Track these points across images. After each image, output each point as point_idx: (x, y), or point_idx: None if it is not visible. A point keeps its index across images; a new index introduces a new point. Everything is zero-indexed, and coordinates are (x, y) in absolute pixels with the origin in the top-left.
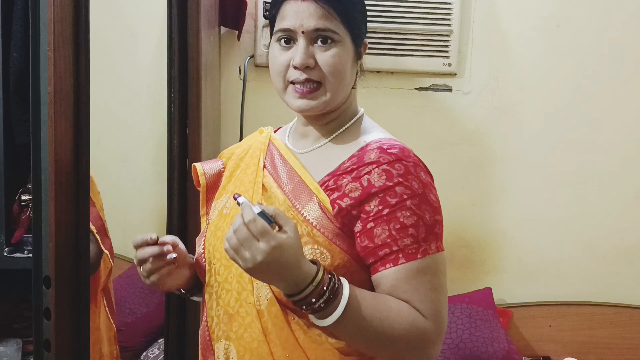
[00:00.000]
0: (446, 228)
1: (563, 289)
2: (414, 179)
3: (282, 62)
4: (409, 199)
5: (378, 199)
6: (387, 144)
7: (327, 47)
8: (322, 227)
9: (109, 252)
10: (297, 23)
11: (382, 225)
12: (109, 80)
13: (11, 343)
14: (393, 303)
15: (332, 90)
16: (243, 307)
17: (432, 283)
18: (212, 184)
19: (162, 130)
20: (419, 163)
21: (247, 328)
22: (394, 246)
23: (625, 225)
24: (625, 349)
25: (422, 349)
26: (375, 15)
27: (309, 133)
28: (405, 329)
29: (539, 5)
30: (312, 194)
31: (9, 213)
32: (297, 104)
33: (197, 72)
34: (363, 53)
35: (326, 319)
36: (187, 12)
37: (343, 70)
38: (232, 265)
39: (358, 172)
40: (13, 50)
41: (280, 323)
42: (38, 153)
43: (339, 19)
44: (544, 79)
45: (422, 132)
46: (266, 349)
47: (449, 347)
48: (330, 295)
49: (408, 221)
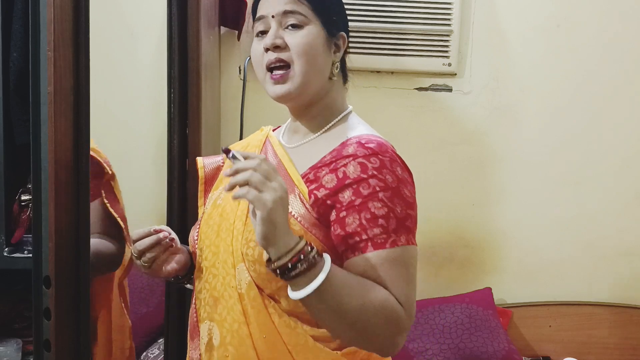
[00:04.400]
0: (446, 228)
1: (563, 289)
2: (389, 173)
3: (259, 50)
4: (382, 192)
5: (352, 189)
6: (366, 139)
7: (295, 30)
8: (300, 217)
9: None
10: (268, 10)
11: (353, 214)
12: (109, 80)
13: (11, 343)
14: (370, 284)
15: (302, 72)
16: (227, 291)
17: (402, 273)
18: (210, 177)
19: (162, 130)
20: (396, 159)
21: (230, 311)
22: (364, 235)
23: (625, 225)
24: (625, 349)
25: (394, 330)
26: (375, 15)
27: (299, 129)
28: (382, 308)
29: (539, 5)
30: (294, 185)
31: (9, 213)
32: (273, 90)
33: (197, 72)
34: (342, 47)
35: (307, 286)
36: (187, 12)
37: (312, 53)
38: (219, 252)
39: (335, 165)
40: (13, 50)
41: (258, 306)
42: (38, 153)
43: (307, 4)
44: (544, 79)
45: (422, 132)
46: (246, 330)
47: (449, 347)
48: (313, 259)
49: (379, 212)
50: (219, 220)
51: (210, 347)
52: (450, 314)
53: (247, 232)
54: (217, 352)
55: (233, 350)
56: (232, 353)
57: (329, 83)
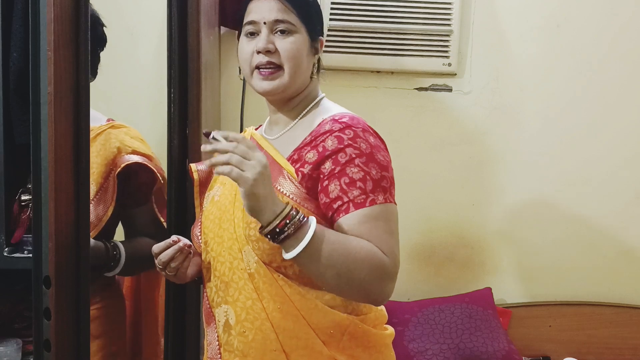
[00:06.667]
0: (446, 228)
1: (563, 289)
2: (362, 142)
3: (247, 50)
4: (357, 158)
5: (331, 160)
6: (339, 115)
7: (285, 36)
8: (292, 194)
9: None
10: (260, 16)
11: (334, 181)
12: (109, 81)
13: (11, 343)
14: (354, 239)
15: (290, 74)
16: (236, 274)
17: (384, 227)
18: (204, 179)
19: (162, 130)
20: (368, 129)
21: (242, 291)
22: (345, 197)
23: (625, 225)
24: (625, 349)
25: (381, 278)
26: (375, 15)
27: (279, 120)
28: (367, 257)
29: (539, 5)
30: (282, 168)
31: (9, 213)
32: (261, 85)
33: (197, 72)
34: (320, 50)
35: (296, 247)
36: (187, 12)
37: (299, 57)
38: (223, 241)
39: (315, 142)
40: (13, 50)
41: (269, 280)
42: (38, 153)
43: (295, 13)
44: (544, 79)
45: (422, 132)
46: (259, 305)
47: (449, 347)
48: (299, 222)
49: (356, 176)
50: (219, 214)
51: (227, 328)
52: (450, 314)
53: (247, 217)
54: (235, 330)
55: (249, 325)
56: (248, 328)
57: (309, 80)
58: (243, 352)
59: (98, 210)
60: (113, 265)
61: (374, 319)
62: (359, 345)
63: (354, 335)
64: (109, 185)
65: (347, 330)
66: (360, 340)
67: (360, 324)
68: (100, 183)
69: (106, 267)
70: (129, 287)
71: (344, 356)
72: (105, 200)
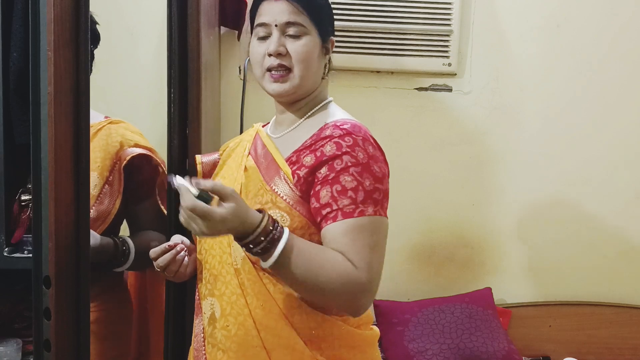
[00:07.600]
0: (446, 228)
1: (563, 289)
2: (361, 151)
3: (259, 52)
4: (352, 167)
5: (327, 165)
6: (342, 121)
7: (296, 38)
8: (285, 195)
9: None
10: (272, 18)
11: (326, 187)
12: (109, 81)
13: (11, 343)
14: (329, 253)
15: (300, 76)
16: (224, 268)
17: (367, 240)
18: (207, 172)
19: (162, 130)
20: (369, 139)
21: (228, 285)
22: (334, 205)
23: (625, 225)
24: (625, 349)
25: (353, 292)
26: (375, 15)
27: (284, 120)
28: (336, 274)
29: (539, 5)
30: (279, 169)
31: (9, 213)
32: (272, 87)
33: (197, 72)
34: (331, 50)
35: (268, 260)
36: (187, 12)
37: (310, 59)
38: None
39: (315, 146)
40: (13, 50)
41: (254, 278)
42: (38, 153)
43: (306, 15)
44: (544, 79)
45: (422, 132)
46: (243, 301)
47: (449, 347)
48: (274, 236)
49: (349, 185)
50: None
51: (212, 320)
52: (450, 314)
53: None
54: (219, 323)
55: (233, 320)
56: (232, 322)
57: (320, 81)
58: (225, 346)
59: (106, 203)
60: (123, 260)
61: (357, 320)
62: (342, 346)
63: (338, 336)
64: (114, 178)
65: (331, 331)
66: (344, 341)
67: (344, 325)
68: (106, 177)
69: (116, 262)
70: (134, 283)
71: (326, 357)
72: (112, 194)
